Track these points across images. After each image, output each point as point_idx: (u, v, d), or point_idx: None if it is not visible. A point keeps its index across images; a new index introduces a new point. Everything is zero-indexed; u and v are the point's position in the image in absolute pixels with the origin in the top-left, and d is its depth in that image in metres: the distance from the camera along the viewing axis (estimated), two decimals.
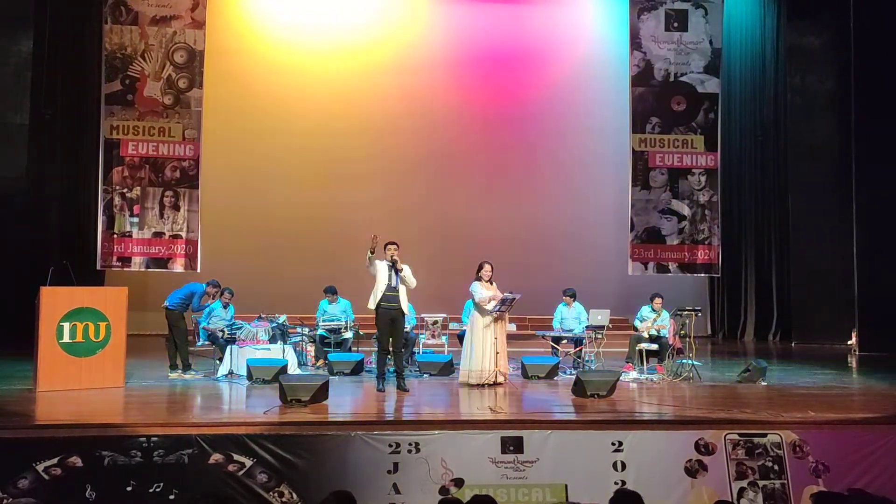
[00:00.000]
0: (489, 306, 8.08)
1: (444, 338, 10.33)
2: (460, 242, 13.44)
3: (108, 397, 7.15)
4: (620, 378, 7.80)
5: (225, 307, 9.35)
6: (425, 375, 8.80)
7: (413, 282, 7.83)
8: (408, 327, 9.20)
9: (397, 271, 7.72)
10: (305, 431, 5.79)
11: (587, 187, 14.42)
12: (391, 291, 7.70)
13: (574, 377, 7.66)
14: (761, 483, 5.83)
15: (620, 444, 5.85)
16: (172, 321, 8.59)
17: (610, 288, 13.47)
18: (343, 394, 7.67)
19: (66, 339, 7.37)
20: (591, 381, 7.26)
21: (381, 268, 7.75)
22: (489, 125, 14.26)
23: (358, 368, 8.95)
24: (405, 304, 7.83)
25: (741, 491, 5.80)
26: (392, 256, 7.73)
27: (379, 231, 7.82)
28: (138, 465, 5.42)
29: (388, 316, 7.68)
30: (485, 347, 8.10)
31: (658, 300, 9.46)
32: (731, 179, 14.29)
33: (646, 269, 13.28)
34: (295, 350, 9.19)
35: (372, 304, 7.75)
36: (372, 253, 7.60)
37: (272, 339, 9.12)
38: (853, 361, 11.17)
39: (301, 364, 9.22)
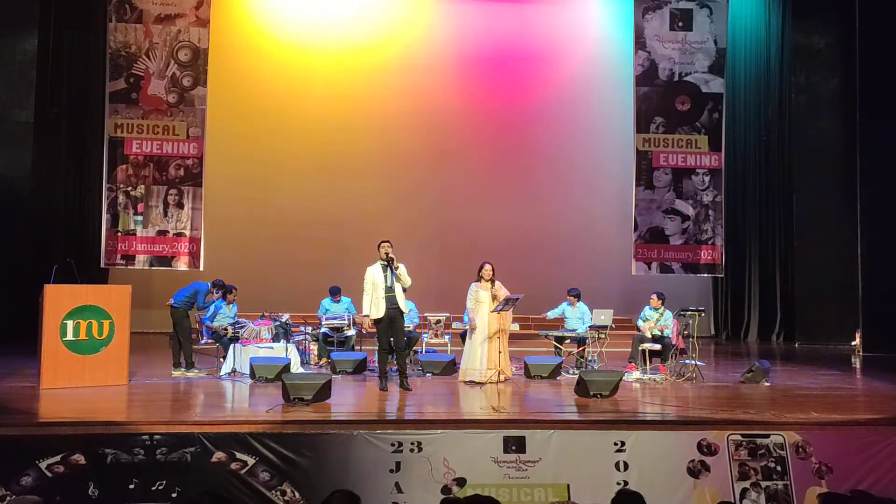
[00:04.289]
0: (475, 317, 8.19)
1: (446, 337, 10.33)
2: (464, 241, 13.43)
3: (111, 395, 7.16)
4: (623, 378, 7.78)
5: (229, 304, 9.39)
6: (428, 374, 8.81)
7: (408, 280, 7.77)
8: (410, 326, 9.20)
9: (393, 269, 7.66)
10: (308, 430, 5.80)
11: (591, 187, 14.40)
12: (388, 292, 7.64)
13: (577, 377, 7.65)
14: (764, 484, 5.82)
15: (623, 444, 5.84)
16: (177, 319, 8.60)
17: (613, 288, 13.47)
18: (346, 392, 7.69)
19: (69, 336, 7.39)
20: (594, 381, 7.25)
21: (376, 271, 7.69)
22: (493, 124, 14.25)
23: (360, 367, 8.95)
24: (402, 303, 7.78)
25: (744, 492, 5.79)
26: (387, 254, 7.69)
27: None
28: (141, 462, 5.43)
29: (387, 315, 7.63)
30: (483, 345, 8.12)
31: (654, 297, 9.41)
32: (735, 179, 14.27)
33: (649, 269, 13.26)
34: (298, 349, 9.19)
35: (378, 314, 7.62)
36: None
37: (275, 338, 9.13)
38: (857, 362, 11.14)
39: (304, 363, 9.23)
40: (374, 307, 7.66)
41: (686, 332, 9.15)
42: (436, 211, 14.02)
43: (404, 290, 7.85)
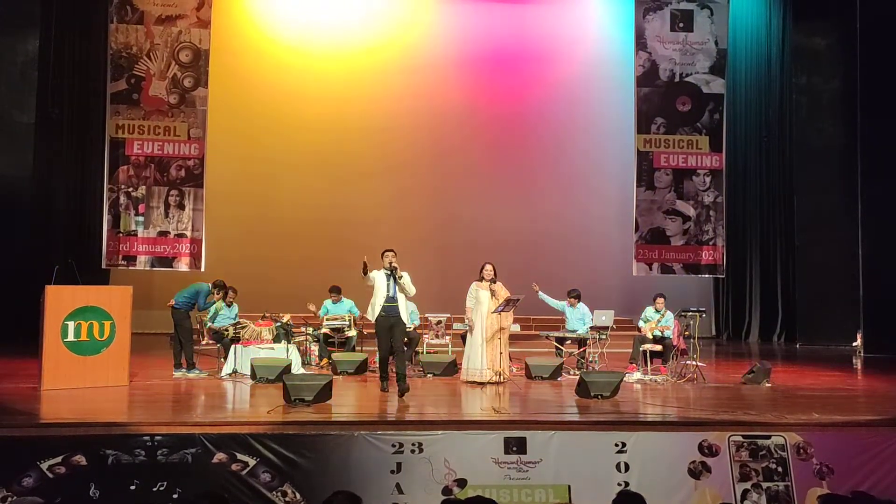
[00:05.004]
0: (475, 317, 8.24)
1: (447, 338, 10.32)
2: (465, 242, 13.43)
3: (112, 396, 7.16)
4: (624, 379, 7.78)
5: (229, 305, 9.39)
6: (429, 375, 8.81)
7: (412, 290, 7.70)
8: (410, 326, 9.19)
9: (396, 279, 7.60)
10: (309, 431, 5.79)
11: (592, 187, 14.40)
12: (390, 302, 7.58)
13: (578, 378, 7.65)
14: (765, 485, 5.81)
15: (624, 445, 5.84)
16: (178, 320, 8.59)
17: (614, 289, 13.46)
18: (346, 393, 7.68)
19: (70, 337, 7.38)
20: (595, 382, 7.25)
21: (379, 278, 7.65)
22: (494, 125, 14.25)
23: (362, 368, 8.95)
24: (405, 314, 7.70)
25: (745, 493, 5.79)
26: (391, 263, 7.63)
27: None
28: (142, 463, 5.43)
29: (387, 323, 7.59)
30: (484, 346, 8.12)
31: (660, 300, 9.43)
32: (735, 180, 14.26)
33: (650, 269, 13.27)
34: (299, 349, 9.20)
35: (372, 317, 7.64)
36: (364, 274, 7.58)
37: (276, 339, 9.13)
38: (858, 363, 11.12)
39: (305, 363, 9.24)
40: (371, 311, 7.67)
41: (687, 333, 9.15)
42: (436, 211, 14.02)
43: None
